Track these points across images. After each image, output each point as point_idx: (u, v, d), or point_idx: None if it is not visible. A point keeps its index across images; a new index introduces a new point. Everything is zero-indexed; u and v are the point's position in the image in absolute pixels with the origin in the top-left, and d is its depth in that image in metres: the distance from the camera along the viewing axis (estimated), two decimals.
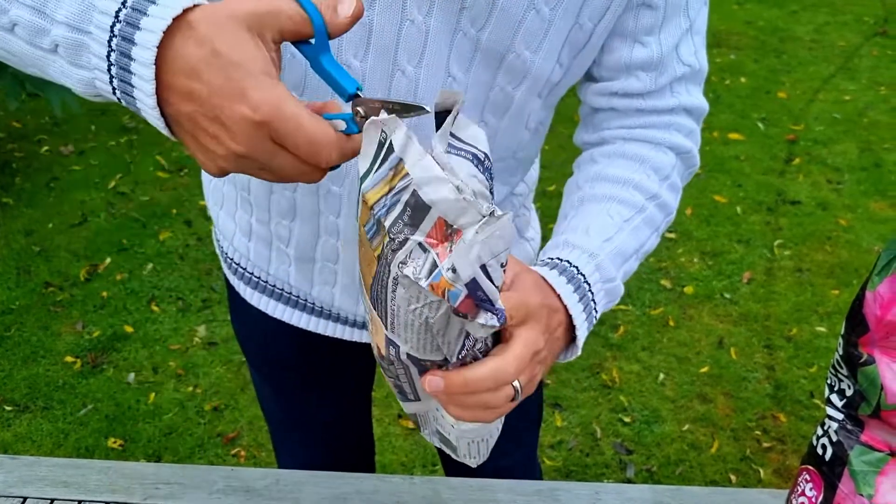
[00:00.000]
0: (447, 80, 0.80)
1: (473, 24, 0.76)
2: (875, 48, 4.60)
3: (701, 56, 0.89)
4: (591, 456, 2.20)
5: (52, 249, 3.02)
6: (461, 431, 0.72)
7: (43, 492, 0.97)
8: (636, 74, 0.86)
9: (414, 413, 0.75)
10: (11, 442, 2.25)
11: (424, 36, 0.76)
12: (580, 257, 0.79)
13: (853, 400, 0.78)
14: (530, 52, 0.79)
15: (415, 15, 0.75)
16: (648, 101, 0.88)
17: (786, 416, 2.30)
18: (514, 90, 0.83)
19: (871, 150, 3.60)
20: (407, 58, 0.77)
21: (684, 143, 0.90)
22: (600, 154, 0.91)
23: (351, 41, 0.76)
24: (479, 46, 0.78)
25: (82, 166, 3.55)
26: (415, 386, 0.69)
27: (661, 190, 0.88)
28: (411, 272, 0.57)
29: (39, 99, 3.97)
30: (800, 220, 3.15)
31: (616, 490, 0.97)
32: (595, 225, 0.83)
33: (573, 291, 0.76)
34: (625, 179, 0.87)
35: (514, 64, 0.80)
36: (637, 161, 0.88)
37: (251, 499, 0.96)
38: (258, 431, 2.27)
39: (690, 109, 0.90)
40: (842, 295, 2.75)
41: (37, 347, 2.58)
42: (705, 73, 0.90)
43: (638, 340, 2.58)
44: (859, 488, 0.77)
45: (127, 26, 0.53)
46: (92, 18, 0.54)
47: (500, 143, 0.89)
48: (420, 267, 0.57)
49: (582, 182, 0.90)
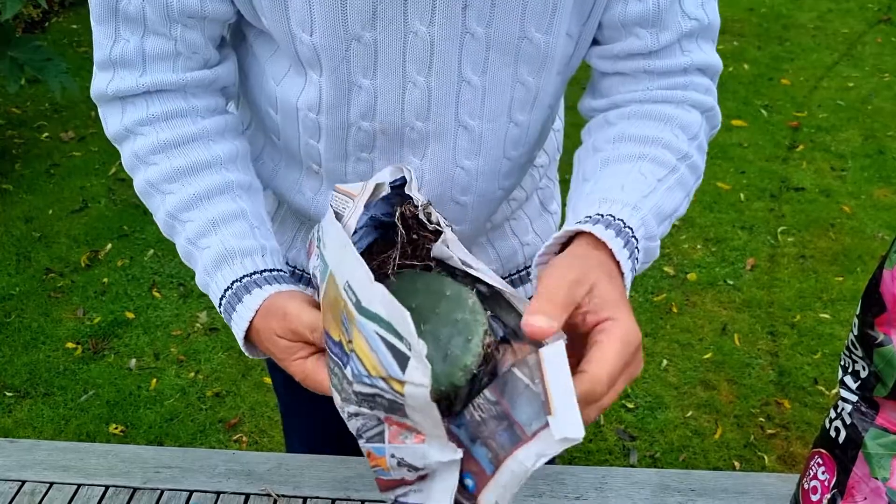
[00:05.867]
0: (461, 85, 0.78)
1: (479, 22, 0.74)
2: (879, 35, 4.57)
3: (710, 8, 0.81)
4: (594, 442, 2.19)
5: (53, 236, 3.01)
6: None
7: (42, 475, 0.96)
8: (635, 32, 0.80)
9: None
10: (12, 428, 2.24)
11: (430, 45, 0.75)
12: (623, 210, 0.71)
13: (868, 381, 0.76)
14: (541, 33, 0.76)
15: (417, 27, 0.73)
16: (656, 61, 0.81)
17: (790, 403, 2.29)
18: (535, 80, 0.80)
19: (875, 137, 3.58)
20: (416, 69, 0.76)
21: (705, 99, 0.83)
22: (617, 116, 0.84)
23: (358, 63, 0.75)
24: (490, 44, 0.75)
25: (82, 152, 3.53)
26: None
27: (691, 150, 0.80)
28: (354, 427, 0.61)
29: (39, 85, 3.96)
30: (803, 206, 3.13)
31: (623, 474, 0.96)
32: (629, 183, 0.75)
33: (623, 246, 0.68)
34: (653, 138, 0.79)
35: (529, 51, 0.77)
36: (661, 120, 0.81)
37: (252, 482, 0.95)
38: (259, 418, 2.26)
39: (704, 68, 0.83)
40: (845, 282, 2.73)
41: (37, 333, 2.57)
42: (717, 27, 0.83)
43: (641, 327, 2.56)
44: (874, 471, 0.76)
45: (232, 301, 0.79)
46: (212, 281, 0.81)
47: (530, 137, 0.86)
48: (366, 429, 0.61)
49: (601, 144, 0.82)
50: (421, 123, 0.80)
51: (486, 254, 1.01)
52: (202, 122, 0.83)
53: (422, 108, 0.79)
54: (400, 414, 0.57)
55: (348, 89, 0.78)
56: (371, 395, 0.58)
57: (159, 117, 0.81)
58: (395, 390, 0.55)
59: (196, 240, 0.82)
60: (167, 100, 0.82)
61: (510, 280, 1.06)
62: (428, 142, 0.82)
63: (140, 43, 0.79)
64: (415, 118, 0.80)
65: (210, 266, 0.80)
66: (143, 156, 0.82)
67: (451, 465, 0.57)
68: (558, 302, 0.58)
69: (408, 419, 0.57)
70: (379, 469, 0.61)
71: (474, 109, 0.80)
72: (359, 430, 0.61)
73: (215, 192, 0.81)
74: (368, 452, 0.61)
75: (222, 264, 0.79)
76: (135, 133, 0.82)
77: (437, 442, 0.57)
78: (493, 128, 0.82)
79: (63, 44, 4.58)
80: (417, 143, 0.82)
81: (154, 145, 0.81)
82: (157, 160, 0.82)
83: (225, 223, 0.80)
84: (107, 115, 0.84)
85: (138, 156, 0.82)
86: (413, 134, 0.81)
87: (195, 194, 0.81)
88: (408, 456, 0.58)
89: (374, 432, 0.60)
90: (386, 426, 0.59)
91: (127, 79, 0.80)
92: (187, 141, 0.82)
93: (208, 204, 0.81)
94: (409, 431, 0.58)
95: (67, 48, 4.52)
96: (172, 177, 0.81)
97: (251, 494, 0.93)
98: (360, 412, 0.60)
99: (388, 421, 0.58)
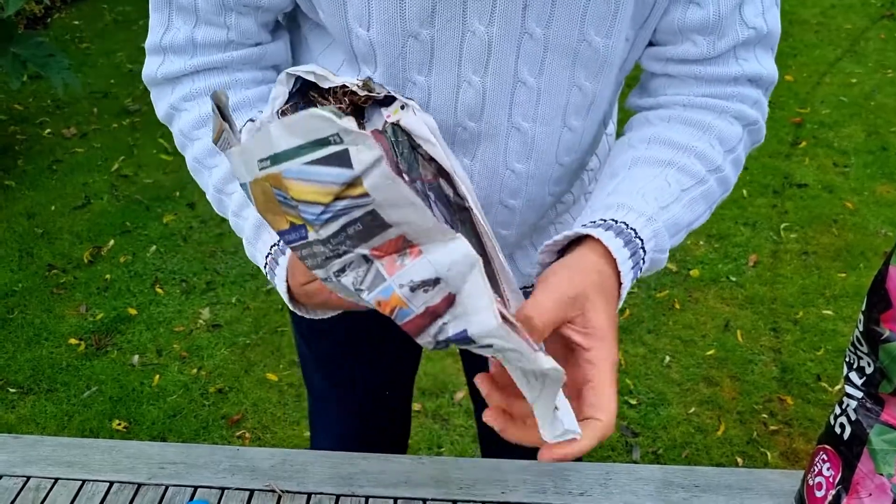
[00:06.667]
0: (516, 86, 0.76)
1: (538, 23, 0.72)
2: (882, 31, 4.56)
3: (771, 17, 0.79)
4: None
5: (55, 232, 3.01)
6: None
7: (46, 471, 0.96)
8: (692, 38, 0.77)
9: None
10: (15, 424, 2.25)
11: (487, 45, 0.73)
12: (637, 220, 0.71)
13: (873, 378, 0.76)
14: (601, 37, 0.74)
15: (476, 26, 0.72)
16: (708, 68, 0.79)
17: (792, 399, 2.29)
18: (592, 84, 0.78)
19: (878, 134, 3.57)
20: (472, 69, 0.75)
21: (750, 113, 0.81)
22: (657, 117, 0.82)
23: (414, 59, 0.74)
24: (548, 46, 0.74)
25: (85, 149, 3.53)
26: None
27: (725, 163, 0.79)
28: (350, 282, 0.55)
29: (41, 81, 3.96)
30: (806, 203, 3.13)
31: (626, 470, 0.96)
32: (651, 189, 0.74)
33: (629, 257, 0.68)
34: (686, 146, 0.78)
35: (587, 54, 0.75)
36: (700, 129, 0.79)
37: (257, 478, 0.95)
38: (262, 414, 2.27)
39: (756, 79, 0.80)
40: (848, 278, 2.73)
41: (40, 330, 2.57)
42: (777, 36, 0.80)
43: (643, 323, 2.57)
44: (879, 467, 0.76)
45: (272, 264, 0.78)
46: (256, 251, 0.80)
47: (584, 143, 0.85)
48: (361, 278, 0.55)
49: (636, 142, 0.81)
50: (473, 123, 0.79)
51: (528, 256, 1.00)
52: (245, 92, 0.82)
53: (475, 108, 0.77)
54: (380, 230, 0.53)
55: (402, 85, 0.77)
56: (341, 228, 0.53)
57: (203, 92, 0.81)
58: (359, 195, 0.51)
59: (240, 211, 0.81)
60: (212, 76, 0.82)
61: None
62: (479, 142, 0.80)
63: (191, 32, 0.79)
64: (467, 118, 0.78)
65: (252, 236, 0.80)
66: (188, 132, 0.82)
67: (466, 257, 0.53)
68: (547, 320, 0.62)
69: (390, 231, 0.53)
70: (399, 311, 0.55)
71: (528, 111, 0.78)
72: (355, 284, 0.55)
73: None
74: (378, 302, 0.55)
75: (262, 232, 0.79)
76: (179, 110, 0.82)
77: (434, 236, 0.53)
78: (546, 131, 0.80)
79: (65, 40, 4.58)
80: (468, 142, 0.80)
81: (197, 119, 0.81)
82: (200, 135, 0.81)
83: None
84: (157, 97, 0.84)
85: (184, 132, 0.82)
86: (464, 134, 0.80)
87: None
88: (415, 274, 0.54)
89: (371, 276, 0.55)
90: (377, 263, 0.54)
91: (176, 62, 0.80)
92: (230, 111, 0.81)
93: None
94: (402, 250, 0.54)
95: (70, 44, 4.52)
96: (216, 150, 0.81)
97: (256, 490, 0.93)
98: (344, 262, 0.55)
99: (375, 254, 0.54)
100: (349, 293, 0.57)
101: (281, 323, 2.58)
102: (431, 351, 1.06)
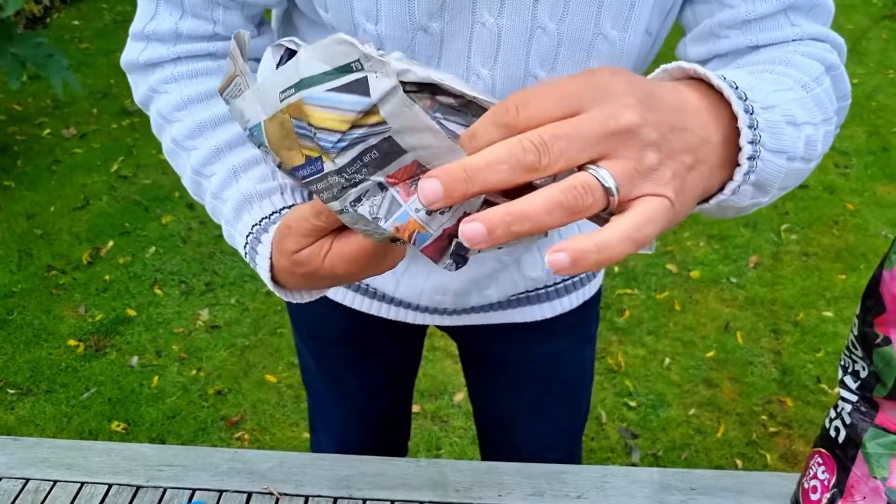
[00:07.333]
0: (527, 80, 0.75)
1: (552, 16, 0.71)
2: (884, 31, 4.56)
3: None
4: (596, 440, 2.19)
5: (54, 233, 3.01)
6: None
7: (45, 473, 0.96)
8: (727, 2, 0.71)
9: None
10: (15, 425, 2.25)
11: (497, 38, 0.72)
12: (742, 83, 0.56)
13: (868, 382, 0.76)
14: (618, 30, 0.71)
15: (485, 18, 0.71)
16: (758, 34, 0.71)
17: (792, 401, 2.29)
18: None
19: (879, 134, 3.57)
20: (481, 61, 0.74)
21: (829, 56, 0.71)
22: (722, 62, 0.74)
23: (422, 53, 0.74)
24: (561, 40, 0.72)
25: (84, 149, 3.53)
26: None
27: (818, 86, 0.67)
28: (367, 211, 0.55)
29: (41, 82, 3.96)
30: (806, 203, 3.13)
31: (623, 473, 0.96)
32: (750, 79, 0.58)
33: (748, 126, 0.53)
34: (779, 59, 0.68)
35: (602, 49, 0.72)
36: (782, 63, 0.68)
37: (255, 481, 0.95)
38: (261, 415, 2.27)
39: (822, 38, 0.72)
40: (849, 279, 2.73)
41: (39, 331, 2.57)
42: (831, 10, 0.74)
43: (643, 324, 2.57)
44: (873, 471, 0.76)
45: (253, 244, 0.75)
46: (235, 232, 0.77)
47: None
48: (377, 206, 0.55)
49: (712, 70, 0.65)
50: None
51: (535, 260, 0.99)
52: None
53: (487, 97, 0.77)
54: (396, 156, 0.52)
55: None
56: (357, 156, 0.53)
57: (185, 75, 0.81)
58: (375, 123, 0.51)
59: (219, 192, 0.79)
60: (195, 62, 0.81)
61: (555, 288, 1.06)
62: None
63: (176, 24, 0.79)
64: None
65: (231, 217, 0.77)
66: (167, 113, 0.81)
67: None
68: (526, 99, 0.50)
69: (406, 157, 0.52)
70: (418, 235, 0.54)
71: None
72: (372, 213, 0.55)
73: (237, 143, 0.79)
74: (397, 228, 0.54)
75: (242, 213, 0.76)
76: (159, 92, 0.81)
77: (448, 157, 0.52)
78: None
79: (64, 40, 4.58)
80: None
81: (178, 101, 0.80)
82: (181, 116, 0.80)
83: (245, 170, 0.78)
84: (136, 82, 0.83)
85: (162, 114, 0.81)
86: None
87: (217, 147, 0.79)
88: None
89: (387, 203, 0.55)
90: (392, 190, 0.54)
91: (159, 48, 0.80)
92: (212, 95, 0.80)
93: (230, 154, 0.79)
94: (415, 175, 0.54)
95: (69, 44, 4.52)
96: (196, 131, 0.79)
97: (253, 493, 0.93)
98: (360, 191, 0.54)
99: (390, 181, 0.54)
100: (366, 223, 0.57)
101: (280, 324, 2.58)
102: (442, 310, 1.05)
